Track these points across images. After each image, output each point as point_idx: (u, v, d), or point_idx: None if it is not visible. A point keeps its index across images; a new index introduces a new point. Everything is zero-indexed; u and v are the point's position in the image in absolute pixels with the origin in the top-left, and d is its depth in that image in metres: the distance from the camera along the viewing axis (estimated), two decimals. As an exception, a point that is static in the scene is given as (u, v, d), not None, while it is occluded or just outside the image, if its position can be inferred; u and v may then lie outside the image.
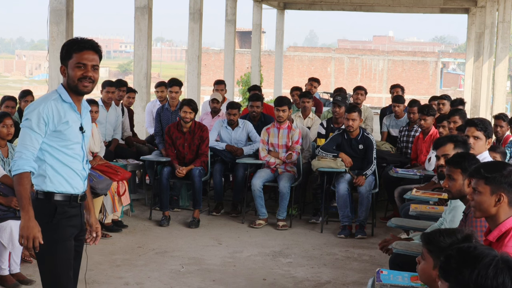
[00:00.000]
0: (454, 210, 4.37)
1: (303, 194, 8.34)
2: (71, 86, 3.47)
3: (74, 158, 3.51)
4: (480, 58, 18.74)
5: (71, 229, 3.52)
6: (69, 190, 3.50)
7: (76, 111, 3.51)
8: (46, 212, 3.44)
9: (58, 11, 7.96)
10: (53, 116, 3.40)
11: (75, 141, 3.50)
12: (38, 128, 3.38)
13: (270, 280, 5.69)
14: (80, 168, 3.54)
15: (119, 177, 7.02)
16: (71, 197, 3.50)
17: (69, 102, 3.48)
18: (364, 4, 20.48)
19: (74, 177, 3.52)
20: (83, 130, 3.53)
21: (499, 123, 7.57)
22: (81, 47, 3.47)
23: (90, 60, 3.46)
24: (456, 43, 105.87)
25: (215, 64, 44.70)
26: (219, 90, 9.53)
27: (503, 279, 2.15)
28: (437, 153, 4.90)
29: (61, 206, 3.47)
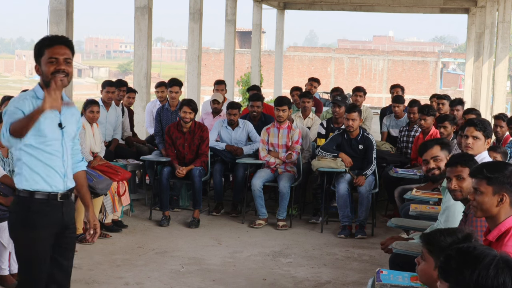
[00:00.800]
0: (447, 210, 4.37)
1: (303, 194, 8.34)
2: (46, 82, 3.47)
3: (52, 155, 3.51)
4: (480, 58, 18.74)
5: (49, 228, 3.51)
6: (47, 188, 3.50)
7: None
8: (22, 209, 3.48)
9: (58, 11, 7.96)
10: (28, 110, 3.39)
11: (53, 137, 3.50)
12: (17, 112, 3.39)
13: (270, 280, 5.69)
14: (59, 164, 3.53)
15: (119, 177, 7.02)
16: (49, 195, 3.50)
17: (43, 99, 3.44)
18: (364, 4, 20.48)
19: (52, 175, 3.51)
20: (62, 127, 3.52)
21: (499, 123, 7.57)
22: (52, 42, 3.48)
23: (62, 54, 3.46)
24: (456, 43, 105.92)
25: (215, 64, 44.71)
26: (220, 90, 9.53)
27: (503, 279, 2.15)
28: (425, 156, 4.86)
29: (36, 204, 3.47)
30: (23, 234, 3.50)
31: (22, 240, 3.51)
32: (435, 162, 4.78)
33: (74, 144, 3.69)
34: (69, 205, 3.63)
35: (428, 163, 4.81)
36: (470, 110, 7.84)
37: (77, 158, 3.75)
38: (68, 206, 3.62)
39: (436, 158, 4.77)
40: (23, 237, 3.51)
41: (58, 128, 3.51)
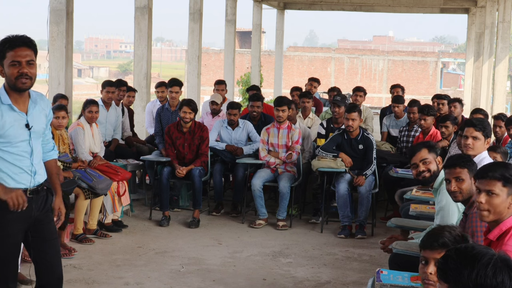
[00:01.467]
0: (442, 211, 4.36)
1: (303, 194, 8.34)
2: (10, 85, 3.52)
3: (19, 155, 3.58)
4: (480, 58, 18.74)
5: (17, 223, 3.58)
6: (14, 185, 3.57)
7: (16, 110, 3.56)
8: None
9: (58, 11, 7.96)
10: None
11: (19, 139, 3.56)
12: None
13: (270, 280, 5.69)
14: (28, 164, 3.61)
15: (119, 177, 7.02)
16: None
17: (7, 104, 3.53)
18: (364, 4, 20.48)
19: (19, 173, 3.59)
20: (29, 127, 3.58)
21: (498, 123, 7.57)
22: (12, 44, 3.48)
23: (24, 57, 3.48)
24: (456, 43, 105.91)
25: (215, 64, 44.71)
26: (220, 90, 9.54)
27: (502, 278, 2.15)
28: (413, 160, 4.84)
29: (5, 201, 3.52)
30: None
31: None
32: (425, 165, 4.77)
33: (44, 136, 3.79)
34: (39, 199, 3.69)
35: (418, 166, 4.79)
36: (478, 110, 7.82)
37: (47, 147, 3.85)
38: (39, 200, 3.68)
39: (425, 160, 4.76)
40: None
41: (25, 129, 3.57)
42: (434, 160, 4.66)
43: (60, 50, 8.04)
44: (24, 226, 3.62)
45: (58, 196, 3.82)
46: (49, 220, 3.76)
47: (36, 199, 3.66)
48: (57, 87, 8.04)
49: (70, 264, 5.88)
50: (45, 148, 3.83)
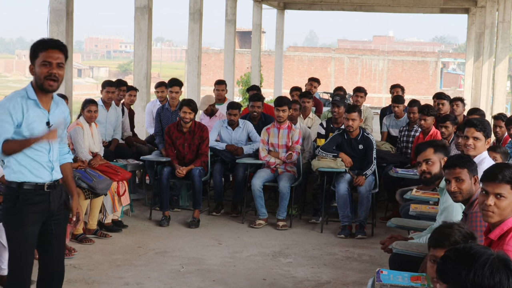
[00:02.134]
0: (446, 211, 4.36)
1: (303, 194, 8.34)
2: (38, 84, 3.69)
3: (38, 151, 3.74)
4: (480, 58, 18.74)
5: (35, 215, 3.75)
6: (33, 179, 3.74)
7: (40, 107, 3.73)
8: (11, 198, 3.73)
9: (58, 11, 7.96)
10: (15, 112, 3.63)
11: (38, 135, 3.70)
12: (6, 117, 3.63)
13: (270, 280, 5.69)
14: (46, 160, 3.78)
15: (119, 177, 7.02)
16: (36, 185, 3.74)
17: (33, 99, 3.71)
18: (364, 4, 20.48)
19: (38, 168, 3.75)
20: (49, 125, 3.75)
21: (498, 123, 7.57)
22: (46, 46, 3.66)
23: (55, 59, 3.65)
24: (456, 43, 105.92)
25: (215, 64, 44.73)
26: (220, 90, 9.54)
27: (499, 278, 2.15)
28: (418, 159, 4.82)
29: (25, 194, 3.71)
30: (12, 222, 3.75)
31: (11, 226, 3.76)
32: (427, 165, 4.75)
33: (61, 139, 3.93)
34: (57, 193, 3.84)
35: (421, 165, 4.79)
36: (474, 110, 7.81)
37: (63, 150, 4.00)
38: (56, 195, 3.84)
39: (428, 161, 4.75)
40: (12, 224, 3.76)
41: (46, 126, 3.73)
42: (439, 161, 4.65)
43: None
44: (42, 218, 3.79)
45: (75, 198, 3.99)
46: (62, 217, 3.91)
47: (53, 193, 3.81)
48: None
49: (70, 264, 5.88)
50: (61, 151, 3.97)
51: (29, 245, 3.79)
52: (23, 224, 3.72)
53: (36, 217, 3.75)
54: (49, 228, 3.84)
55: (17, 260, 3.79)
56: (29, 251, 3.80)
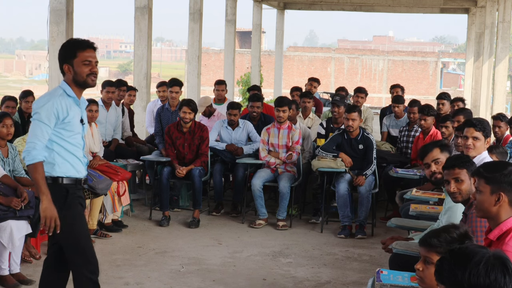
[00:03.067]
0: (450, 211, 4.36)
1: (303, 194, 8.34)
2: (80, 82, 3.89)
3: (76, 147, 3.95)
4: (480, 58, 18.74)
5: (80, 207, 4.01)
6: (75, 174, 3.94)
7: (78, 105, 3.94)
8: (59, 195, 3.86)
9: (58, 11, 7.96)
10: (61, 110, 3.82)
11: (77, 131, 3.94)
12: (48, 120, 3.79)
13: (270, 280, 5.69)
14: (81, 155, 4.00)
15: (119, 177, 7.02)
16: (77, 180, 3.96)
17: (72, 97, 3.90)
18: (364, 4, 20.48)
19: (78, 163, 3.96)
20: (83, 122, 3.99)
21: (497, 123, 7.56)
22: (84, 46, 3.88)
23: (94, 58, 3.90)
24: (456, 43, 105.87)
25: (215, 64, 44.73)
26: (220, 90, 9.54)
27: (495, 276, 2.15)
28: (425, 160, 4.83)
29: (71, 189, 3.93)
30: (65, 215, 3.86)
31: (66, 220, 3.85)
32: (436, 165, 4.75)
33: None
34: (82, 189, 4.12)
35: (430, 166, 4.78)
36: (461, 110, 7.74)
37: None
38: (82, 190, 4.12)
39: (437, 161, 4.74)
40: (66, 217, 3.86)
41: (80, 123, 3.97)
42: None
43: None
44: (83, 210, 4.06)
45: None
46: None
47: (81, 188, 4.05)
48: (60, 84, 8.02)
49: (70, 264, 5.88)
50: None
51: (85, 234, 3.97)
52: (78, 214, 3.93)
53: (81, 209, 4.01)
54: None
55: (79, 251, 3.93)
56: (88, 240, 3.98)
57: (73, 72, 3.87)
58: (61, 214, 3.81)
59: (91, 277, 3.94)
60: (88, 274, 3.93)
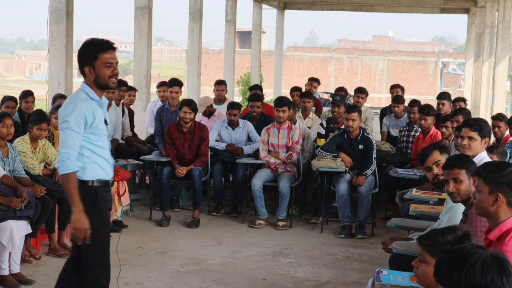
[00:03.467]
0: (451, 211, 4.36)
1: (303, 194, 8.34)
2: (101, 84, 3.87)
3: (104, 149, 3.95)
4: (480, 58, 18.74)
5: (108, 211, 4.01)
6: (104, 176, 3.93)
7: (101, 106, 3.93)
8: (89, 199, 3.83)
9: (58, 11, 7.96)
10: (88, 115, 3.80)
11: (103, 133, 3.95)
12: (78, 127, 3.77)
13: (270, 280, 5.69)
14: (108, 156, 4.00)
15: (119, 177, 7.02)
16: (106, 182, 3.95)
17: (96, 100, 3.88)
18: (364, 4, 20.48)
19: (106, 164, 3.95)
20: (106, 123, 4.00)
21: (496, 123, 7.57)
22: (105, 47, 3.83)
23: (114, 59, 3.88)
24: (456, 43, 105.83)
25: (215, 64, 44.73)
26: (220, 90, 9.54)
27: (491, 277, 2.15)
28: (426, 163, 4.84)
29: (100, 192, 3.90)
30: (94, 221, 3.82)
31: (95, 224, 3.83)
32: (438, 167, 4.76)
33: None
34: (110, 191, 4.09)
35: (432, 169, 4.80)
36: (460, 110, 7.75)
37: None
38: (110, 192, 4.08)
39: (438, 163, 4.76)
40: (95, 222, 3.83)
41: (104, 124, 3.96)
42: None
43: (60, 50, 8.04)
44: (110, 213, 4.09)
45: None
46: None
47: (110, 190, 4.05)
48: (57, 87, 8.04)
49: (70, 264, 5.88)
50: None
51: (109, 243, 4.00)
52: (104, 219, 3.93)
53: (108, 214, 4.05)
54: None
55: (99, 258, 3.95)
56: (109, 243, 4.01)
57: (94, 75, 3.83)
58: (90, 220, 3.77)
59: (103, 283, 3.95)
60: (102, 279, 3.95)
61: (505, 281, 2.16)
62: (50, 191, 5.96)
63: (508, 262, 2.21)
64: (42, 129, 6.06)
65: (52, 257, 6.04)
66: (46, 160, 6.26)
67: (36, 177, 6.04)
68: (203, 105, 8.84)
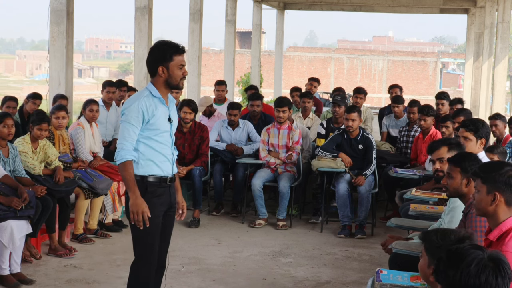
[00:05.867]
0: (453, 211, 4.38)
1: (303, 194, 8.36)
2: (172, 84, 4.01)
3: (164, 145, 4.03)
4: (480, 59, 18.73)
5: (160, 207, 4.02)
6: (159, 172, 4.01)
7: (164, 104, 4.02)
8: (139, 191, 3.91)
9: (58, 11, 7.97)
10: (146, 110, 3.92)
11: (164, 130, 4.02)
12: (135, 121, 3.91)
13: (270, 280, 5.70)
14: (169, 152, 4.08)
15: (120, 177, 7.03)
16: (161, 178, 4.01)
17: (158, 97, 3.99)
18: (364, 5, 20.48)
19: (163, 161, 4.03)
20: (171, 121, 4.06)
21: (493, 122, 7.59)
22: (179, 50, 3.99)
23: (185, 62, 4.05)
24: (456, 43, 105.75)
25: (215, 64, 44.70)
26: (220, 90, 9.56)
27: (486, 277, 2.16)
28: (432, 157, 4.89)
29: (152, 186, 3.98)
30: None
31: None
32: (441, 164, 4.79)
33: None
34: (173, 187, 4.15)
35: (435, 163, 4.83)
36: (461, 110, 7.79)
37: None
38: (173, 188, 4.15)
39: (442, 159, 4.78)
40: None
41: (168, 121, 4.04)
42: None
43: (60, 50, 8.05)
44: (164, 209, 4.07)
45: (180, 193, 4.27)
46: (175, 209, 4.21)
47: (172, 187, 4.12)
48: (57, 87, 8.05)
49: (70, 264, 5.90)
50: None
51: (157, 234, 4.02)
52: (153, 215, 3.92)
53: (161, 208, 4.03)
54: (164, 218, 4.07)
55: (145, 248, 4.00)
56: (157, 240, 4.03)
57: (167, 75, 3.97)
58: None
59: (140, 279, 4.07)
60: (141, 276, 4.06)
61: (500, 282, 2.17)
62: (51, 191, 5.97)
63: (506, 264, 2.21)
64: (43, 129, 6.07)
65: (53, 257, 6.06)
66: (46, 160, 6.27)
67: (37, 177, 6.05)
68: (203, 104, 8.85)
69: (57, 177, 6.13)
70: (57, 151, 6.46)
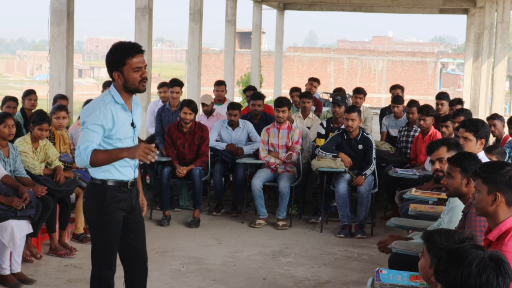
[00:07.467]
0: (452, 211, 4.39)
1: (303, 194, 8.37)
2: (131, 89, 3.87)
3: None
4: (479, 59, 18.74)
5: (120, 211, 3.92)
6: (120, 177, 3.90)
7: (127, 110, 3.89)
8: (98, 196, 3.87)
9: (58, 11, 7.98)
10: (105, 121, 3.76)
11: (127, 136, 3.89)
12: (97, 128, 3.75)
13: (270, 279, 5.71)
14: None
15: (120, 177, 7.03)
16: (121, 183, 3.90)
17: (121, 103, 3.87)
18: (363, 5, 20.48)
19: (125, 166, 3.90)
20: (134, 126, 3.93)
21: (491, 122, 7.60)
22: (132, 52, 3.81)
23: (142, 63, 3.85)
24: (455, 43, 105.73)
25: (215, 65, 44.71)
26: (220, 91, 9.57)
27: (487, 277, 2.16)
28: (431, 157, 4.89)
29: (111, 191, 3.87)
30: (98, 218, 3.89)
31: (97, 223, 3.92)
32: (440, 163, 4.79)
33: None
34: (135, 190, 4.04)
35: (434, 163, 4.84)
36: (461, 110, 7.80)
37: None
38: (135, 192, 4.03)
39: (442, 159, 4.79)
40: (97, 221, 3.90)
41: (131, 127, 3.92)
42: None
43: (61, 50, 8.05)
44: (125, 213, 3.97)
45: (141, 193, 4.18)
46: (140, 211, 4.12)
47: (134, 190, 4.01)
48: (58, 88, 8.05)
49: (71, 264, 5.91)
50: None
51: (115, 239, 3.94)
52: (111, 220, 3.87)
53: (121, 213, 3.93)
54: (129, 220, 3.99)
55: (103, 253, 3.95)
56: (115, 246, 3.96)
57: (123, 80, 3.85)
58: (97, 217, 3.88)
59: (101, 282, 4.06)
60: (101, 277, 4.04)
61: (501, 281, 2.17)
62: (51, 191, 5.98)
63: (506, 263, 2.22)
64: (43, 129, 6.08)
65: (53, 257, 6.07)
66: (47, 160, 6.28)
67: (37, 177, 6.06)
68: (209, 99, 8.87)
69: (58, 177, 6.14)
70: (57, 151, 6.47)
